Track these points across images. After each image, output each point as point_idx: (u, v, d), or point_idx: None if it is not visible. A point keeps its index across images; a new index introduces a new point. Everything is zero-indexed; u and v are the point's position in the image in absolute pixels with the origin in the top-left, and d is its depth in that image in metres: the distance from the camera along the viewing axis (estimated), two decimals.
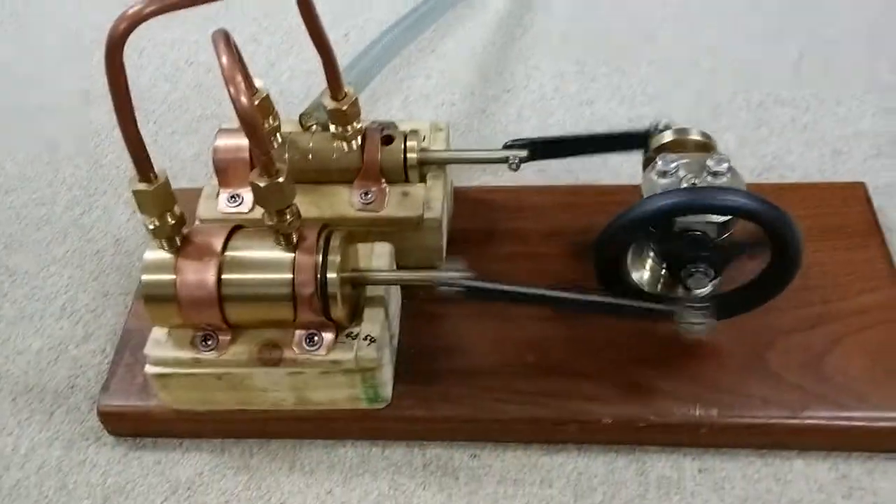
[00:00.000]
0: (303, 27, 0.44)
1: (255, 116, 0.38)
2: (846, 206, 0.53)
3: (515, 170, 0.49)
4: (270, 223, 0.41)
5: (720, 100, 0.64)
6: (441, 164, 0.50)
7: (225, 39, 0.39)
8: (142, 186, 0.40)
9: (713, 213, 0.41)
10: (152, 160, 0.39)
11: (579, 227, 0.53)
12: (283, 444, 0.47)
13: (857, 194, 0.53)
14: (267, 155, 0.39)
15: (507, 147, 0.49)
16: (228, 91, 0.37)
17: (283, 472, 0.46)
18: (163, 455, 0.47)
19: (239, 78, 0.37)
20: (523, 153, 0.49)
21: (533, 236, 0.53)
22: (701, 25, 0.70)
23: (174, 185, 0.41)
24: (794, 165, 0.59)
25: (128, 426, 0.48)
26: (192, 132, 0.66)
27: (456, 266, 0.44)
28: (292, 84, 0.69)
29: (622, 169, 0.59)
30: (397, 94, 0.68)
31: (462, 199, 0.56)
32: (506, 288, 0.44)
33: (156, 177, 0.40)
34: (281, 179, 0.39)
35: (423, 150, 0.49)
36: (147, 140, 0.39)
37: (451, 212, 0.54)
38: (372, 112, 0.66)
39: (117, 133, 0.38)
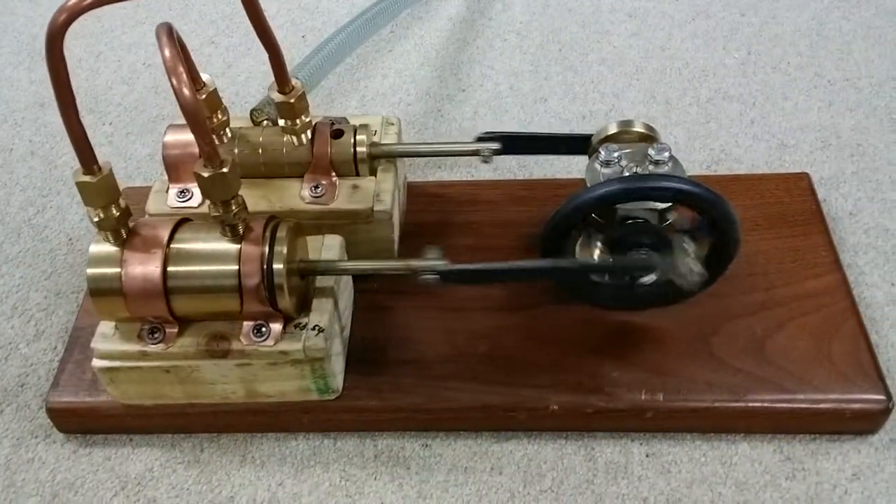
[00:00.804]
0: None
1: (197, 106, 0.38)
2: (791, 195, 0.54)
3: (488, 162, 0.49)
4: (216, 214, 0.41)
5: (670, 96, 0.65)
6: (395, 157, 0.51)
7: (168, 32, 0.39)
8: (86, 178, 0.40)
9: (650, 198, 0.42)
10: (107, 160, 0.39)
11: (532, 219, 0.53)
12: (234, 437, 0.47)
13: (801, 184, 0.54)
14: (210, 145, 0.39)
15: (479, 139, 0.50)
16: (171, 82, 0.37)
17: (233, 465, 0.46)
18: (112, 451, 0.47)
19: (181, 69, 0.37)
20: (495, 145, 0.49)
21: (486, 229, 0.54)
22: (651, 26, 0.72)
23: (129, 184, 0.41)
24: (742, 158, 0.60)
25: (77, 422, 0.47)
26: (148, 132, 0.65)
27: (434, 254, 0.43)
28: (249, 85, 0.70)
29: (574, 164, 0.60)
30: (354, 93, 0.68)
31: (416, 194, 0.56)
32: (478, 267, 0.43)
33: (99, 169, 0.40)
34: (225, 170, 0.39)
35: (373, 144, 0.50)
36: (102, 141, 0.39)
37: (405, 206, 0.55)
38: (329, 110, 0.67)
39: None
